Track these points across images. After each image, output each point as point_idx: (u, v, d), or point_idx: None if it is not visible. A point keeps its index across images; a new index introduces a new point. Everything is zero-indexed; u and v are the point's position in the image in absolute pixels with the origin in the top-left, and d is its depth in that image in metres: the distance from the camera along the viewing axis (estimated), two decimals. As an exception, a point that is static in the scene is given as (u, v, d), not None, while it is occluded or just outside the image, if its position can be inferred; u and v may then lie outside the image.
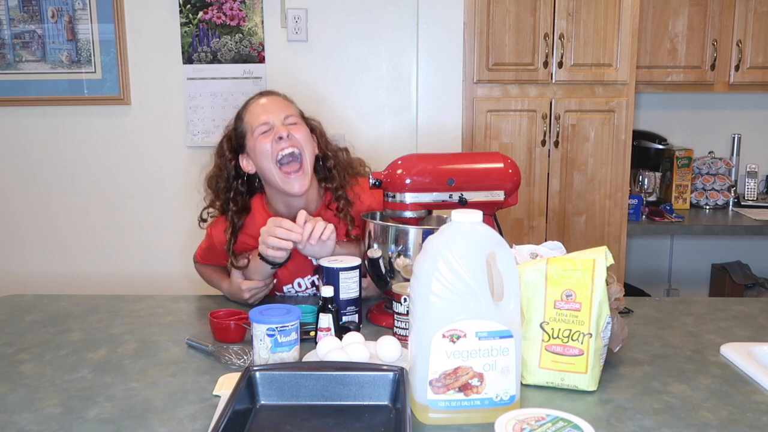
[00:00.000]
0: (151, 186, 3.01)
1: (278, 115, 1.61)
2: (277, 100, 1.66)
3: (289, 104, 1.67)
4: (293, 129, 1.60)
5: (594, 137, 2.70)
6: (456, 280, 0.98)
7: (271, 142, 1.57)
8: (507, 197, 1.46)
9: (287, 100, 1.68)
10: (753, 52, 2.96)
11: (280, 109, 1.62)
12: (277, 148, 1.57)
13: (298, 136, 1.59)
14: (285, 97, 1.69)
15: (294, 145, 1.58)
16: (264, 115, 1.61)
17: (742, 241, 3.37)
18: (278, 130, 1.57)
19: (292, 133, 1.59)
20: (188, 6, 2.85)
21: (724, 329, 1.42)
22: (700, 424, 1.01)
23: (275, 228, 1.47)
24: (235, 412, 0.96)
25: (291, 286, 1.69)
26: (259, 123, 1.60)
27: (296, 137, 1.59)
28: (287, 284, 1.68)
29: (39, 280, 3.04)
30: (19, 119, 2.97)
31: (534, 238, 2.73)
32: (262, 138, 1.59)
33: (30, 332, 1.42)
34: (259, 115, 1.61)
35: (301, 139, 1.60)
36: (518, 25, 2.65)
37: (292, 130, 1.59)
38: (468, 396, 1.01)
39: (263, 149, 1.58)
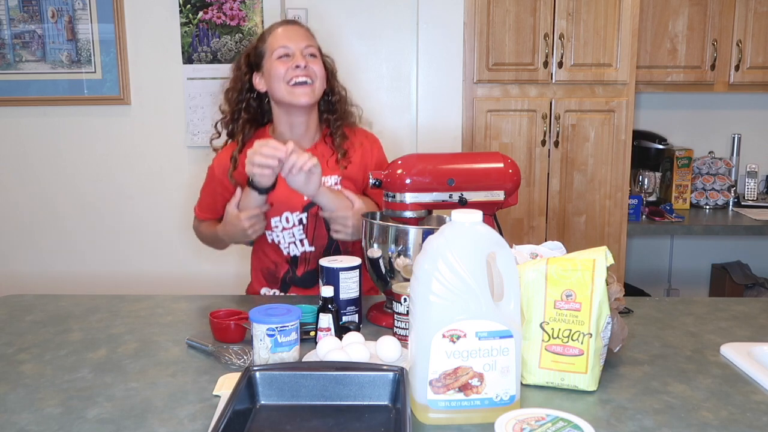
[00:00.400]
0: (151, 186, 3.01)
1: (299, 44, 1.67)
2: (301, 30, 1.72)
3: (312, 37, 1.73)
4: (311, 61, 1.67)
5: (594, 137, 2.70)
6: (456, 280, 0.98)
7: (287, 68, 1.65)
8: (507, 197, 1.46)
9: (311, 33, 1.74)
10: (753, 52, 2.96)
11: (301, 38, 1.68)
12: (291, 74, 1.64)
13: (315, 68, 1.67)
14: (308, 30, 1.75)
15: (308, 75, 1.66)
16: (285, 40, 1.67)
17: (742, 241, 3.37)
18: (297, 59, 1.65)
19: (310, 64, 1.66)
20: (188, 6, 2.86)
21: (724, 329, 1.42)
22: (700, 424, 1.01)
23: (261, 146, 1.50)
24: (235, 412, 0.96)
25: (279, 219, 1.71)
26: (280, 46, 1.66)
27: (313, 69, 1.67)
28: (275, 216, 1.70)
29: (39, 280, 3.04)
30: (19, 119, 2.97)
31: (534, 238, 2.73)
32: (279, 62, 1.66)
33: (30, 332, 1.42)
34: (280, 39, 1.68)
35: (318, 71, 1.68)
36: (518, 25, 2.65)
37: (310, 62, 1.67)
38: (468, 396, 1.01)
39: (278, 72, 1.65)
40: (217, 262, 3.01)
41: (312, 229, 1.72)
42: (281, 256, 1.76)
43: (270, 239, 1.75)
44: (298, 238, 1.73)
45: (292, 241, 1.73)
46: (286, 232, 1.72)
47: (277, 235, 1.73)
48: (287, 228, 1.72)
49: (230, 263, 2.96)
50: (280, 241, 1.74)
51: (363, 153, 1.78)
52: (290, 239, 1.73)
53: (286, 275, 1.77)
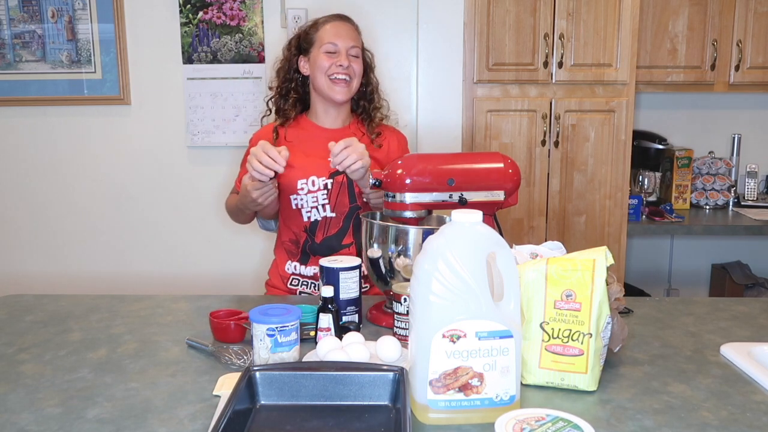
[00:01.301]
0: (151, 186, 3.01)
1: (347, 43, 1.83)
2: (351, 29, 1.87)
3: (358, 36, 1.88)
4: (354, 61, 1.84)
5: (594, 137, 2.70)
6: (456, 280, 0.98)
7: (331, 63, 1.81)
8: (507, 197, 1.46)
9: (357, 31, 1.90)
10: (753, 52, 2.96)
11: (350, 38, 1.84)
12: (333, 70, 1.81)
13: (356, 68, 1.84)
14: (357, 28, 1.90)
15: (348, 73, 1.82)
16: (335, 37, 1.82)
17: (742, 241, 3.37)
18: (341, 59, 1.81)
19: (352, 64, 1.83)
20: (188, 6, 2.86)
21: (724, 329, 1.42)
22: (700, 424, 1.01)
23: (261, 154, 1.57)
24: (235, 412, 0.96)
25: (305, 181, 1.80)
26: (328, 41, 1.82)
27: (354, 68, 1.83)
28: (302, 178, 1.80)
29: (39, 280, 3.04)
30: (19, 119, 2.97)
31: (534, 238, 2.73)
32: (325, 56, 1.81)
33: (30, 332, 1.42)
34: (331, 35, 1.83)
35: (357, 70, 1.85)
36: (518, 25, 2.65)
37: (353, 62, 1.84)
38: (468, 396, 1.01)
39: (322, 65, 1.81)
40: (218, 262, 3.01)
41: (336, 195, 1.81)
42: (301, 224, 1.83)
43: (294, 204, 1.82)
44: (321, 203, 1.81)
45: (314, 205, 1.81)
46: (310, 195, 1.81)
47: (301, 198, 1.81)
48: (312, 191, 1.81)
49: (231, 263, 2.96)
50: (303, 205, 1.81)
51: (390, 143, 1.92)
52: (313, 203, 1.81)
53: (305, 244, 1.84)
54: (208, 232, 2.98)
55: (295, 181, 1.80)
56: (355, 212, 1.83)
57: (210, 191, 2.96)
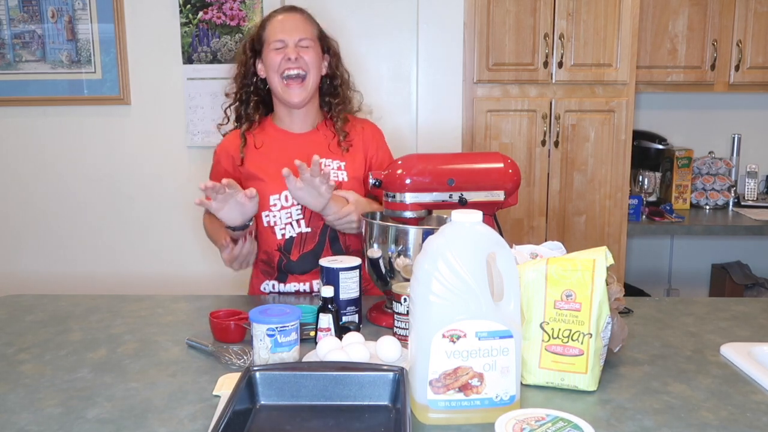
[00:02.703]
0: (151, 186, 3.01)
1: (293, 36, 1.71)
2: (297, 20, 1.75)
3: (307, 26, 1.76)
4: (303, 51, 1.71)
5: (594, 137, 2.70)
6: (456, 280, 0.98)
7: (281, 59, 1.69)
8: (507, 197, 1.46)
9: (307, 19, 1.77)
10: (753, 52, 2.96)
11: (296, 30, 1.72)
12: (284, 66, 1.69)
13: (307, 59, 1.71)
14: (306, 17, 1.78)
15: (301, 67, 1.70)
16: (281, 33, 1.72)
17: (742, 241, 3.37)
18: (288, 52, 1.69)
19: (302, 55, 1.70)
20: (188, 6, 2.86)
21: (724, 329, 1.42)
22: (700, 424, 1.01)
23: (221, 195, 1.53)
24: (235, 412, 0.96)
25: (278, 197, 1.71)
26: (275, 39, 1.71)
27: (304, 59, 1.70)
28: (275, 194, 1.71)
29: (39, 280, 3.04)
30: (19, 119, 2.97)
31: (534, 238, 2.73)
32: (274, 53, 1.71)
33: (30, 332, 1.42)
34: (276, 32, 1.72)
35: (309, 62, 1.71)
36: (518, 25, 2.65)
37: (303, 52, 1.70)
38: (468, 396, 1.01)
39: (272, 63, 1.71)
40: (218, 263, 3.00)
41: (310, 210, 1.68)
42: (274, 243, 1.73)
43: (266, 222, 1.72)
44: (295, 218, 1.71)
45: (288, 221, 1.72)
46: (283, 211, 1.71)
47: (273, 215, 1.71)
48: (285, 207, 1.71)
49: (230, 263, 2.96)
50: (276, 222, 1.72)
51: (364, 138, 1.81)
52: (287, 219, 1.72)
53: (280, 263, 1.74)
54: (208, 232, 2.98)
55: (267, 196, 1.70)
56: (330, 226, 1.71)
57: (210, 191, 2.95)
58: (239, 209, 1.53)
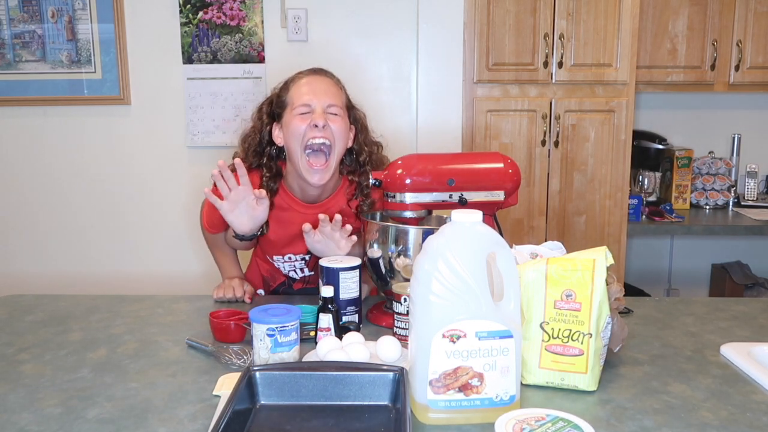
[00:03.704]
0: (152, 186, 3.01)
1: (322, 101, 1.56)
2: (327, 84, 1.61)
3: (338, 92, 1.62)
4: (332, 120, 1.56)
5: (594, 137, 2.70)
6: (456, 280, 0.98)
7: (306, 125, 1.54)
8: (507, 197, 1.46)
9: (338, 86, 1.63)
10: (753, 52, 2.95)
11: (326, 95, 1.57)
12: (309, 135, 1.54)
13: (334, 128, 1.56)
14: (336, 83, 1.64)
15: (327, 136, 1.55)
16: (308, 96, 1.57)
17: (742, 241, 3.37)
18: (316, 118, 1.54)
19: (330, 123, 1.55)
20: (188, 6, 2.85)
21: (724, 329, 1.42)
22: (700, 424, 1.01)
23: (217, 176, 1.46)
24: (235, 412, 0.96)
25: (281, 257, 1.69)
26: (301, 102, 1.56)
27: (332, 128, 1.56)
28: (278, 255, 1.69)
29: (39, 280, 3.04)
30: (19, 119, 2.97)
31: (534, 238, 2.73)
32: (299, 118, 1.56)
33: (30, 332, 1.42)
34: (303, 95, 1.57)
35: (336, 132, 1.56)
36: (518, 25, 2.64)
37: (331, 120, 1.56)
38: (468, 396, 1.01)
39: (296, 130, 1.55)
40: (217, 262, 3.00)
41: (314, 262, 1.66)
42: (279, 272, 1.75)
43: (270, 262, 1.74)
44: (299, 267, 1.72)
45: (292, 269, 1.73)
46: (287, 263, 1.72)
47: (277, 264, 1.73)
48: (288, 262, 1.72)
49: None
50: (280, 267, 1.74)
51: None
52: (290, 268, 1.73)
53: (280, 286, 1.78)
54: (208, 232, 2.98)
55: (271, 254, 1.70)
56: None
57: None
58: (249, 213, 1.49)
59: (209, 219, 1.72)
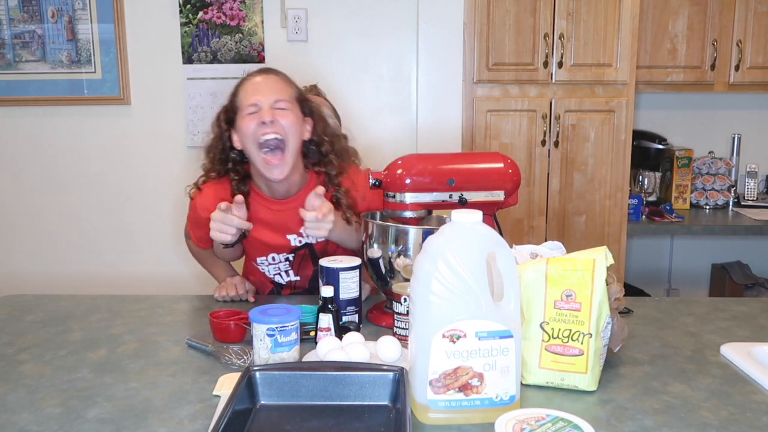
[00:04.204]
0: (151, 186, 3.01)
1: (268, 98, 1.57)
2: (272, 81, 1.61)
3: (284, 86, 1.61)
4: (280, 114, 1.56)
5: (594, 137, 2.70)
6: (456, 280, 0.98)
7: (255, 124, 1.55)
8: (507, 197, 1.46)
9: (284, 81, 1.63)
10: (753, 52, 2.95)
11: (271, 92, 1.58)
12: (260, 132, 1.55)
13: (284, 123, 1.56)
14: (283, 78, 1.64)
15: (277, 131, 1.55)
16: (254, 96, 1.57)
17: (742, 241, 3.37)
18: (263, 115, 1.54)
19: (278, 118, 1.55)
20: (188, 6, 2.85)
21: (724, 329, 1.42)
22: (700, 424, 1.01)
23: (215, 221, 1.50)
24: (235, 412, 0.96)
25: (265, 258, 1.70)
26: (248, 103, 1.57)
27: (281, 123, 1.56)
28: (261, 256, 1.70)
29: (39, 280, 3.04)
30: (19, 119, 2.97)
31: (534, 238, 2.73)
32: (248, 119, 1.57)
33: (30, 332, 1.42)
34: (249, 96, 1.58)
35: (287, 126, 1.56)
36: (518, 25, 2.64)
37: (279, 115, 1.55)
38: (468, 396, 1.01)
39: (247, 130, 1.56)
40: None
41: (298, 263, 1.71)
42: (266, 278, 1.76)
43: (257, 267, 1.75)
44: (283, 270, 1.73)
45: (277, 273, 1.73)
46: (271, 266, 1.72)
47: (262, 268, 1.73)
48: (272, 263, 1.72)
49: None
50: (265, 272, 1.74)
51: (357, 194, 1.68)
52: (275, 272, 1.73)
53: (270, 293, 1.78)
54: (208, 232, 2.98)
55: (254, 257, 1.70)
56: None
57: (210, 191, 2.96)
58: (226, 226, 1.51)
59: (197, 235, 1.75)
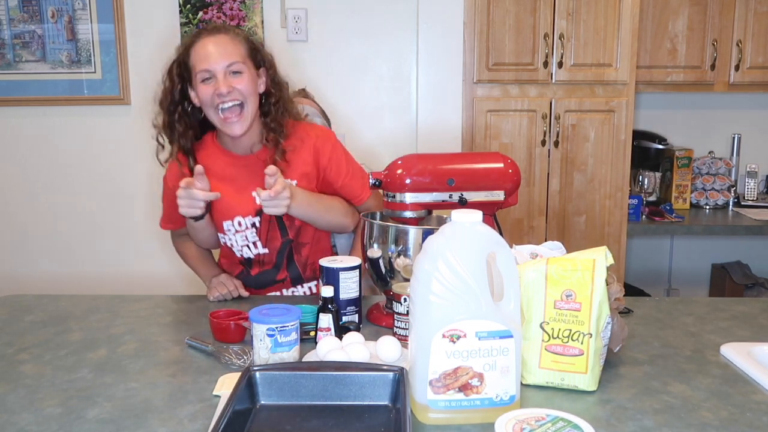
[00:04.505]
0: (151, 186, 3.00)
1: (221, 63, 1.56)
2: (222, 44, 1.58)
3: (235, 47, 1.59)
4: (235, 80, 1.57)
5: (594, 137, 2.70)
6: (456, 280, 0.98)
7: (212, 93, 1.56)
8: (507, 197, 1.46)
9: (234, 40, 1.60)
10: (753, 52, 2.96)
11: (222, 57, 1.57)
12: (218, 101, 1.56)
13: (241, 87, 1.57)
14: (232, 37, 1.61)
15: (235, 98, 1.57)
16: (206, 62, 1.57)
17: (742, 241, 3.37)
18: (219, 86, 1.55)
19: (235, 85, 1.56)
20: (188, 6, 2.85)
21: (724, 329, 1.42)
22: (700, 424, 1.01)
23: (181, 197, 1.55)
24: (235, 412, 0.96)
25: (231, 223, 1.68)
26: (201, 69, 1.57)
27: (238, 89, 1.57)
28: (227, 220, 1.68)
29: (39, 280, 3.04)
30: (19, 119, 2.97)
31: (534, 238, 2.73)
32: (203, 87, 1.57)
33: (30, 332, 1.42)
34: (201, 61, 1.58)
35: (244, 90, 1.58)
36: (518, 25, 2.65)
37: (234, 81, 1.56)
38: (468, 396, 1.01)
39: (204, 98, 1.58)
40: (217, 262, 3.01)
41: (265, 231, 1.69)
42: (235, 258, 1.75)
43: (222, 242, 1.73)
44: (251, 241, 1.70)
45: (245, 243, 1.70)
46: (238, 234, 1.69)
47: (229, 238, 1.70)
48: (240, 231, 1.69)
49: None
50: (233, 244, 1.71)
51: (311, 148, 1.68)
52: (243, 242, 1.70)
53: (240, 275, 1.75)
54: (208, 232, 2.98)
55: (220, 222, 1.68)
56: (287, 246, 1.70)
57: (210, 191, 2.96)
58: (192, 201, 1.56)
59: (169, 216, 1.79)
